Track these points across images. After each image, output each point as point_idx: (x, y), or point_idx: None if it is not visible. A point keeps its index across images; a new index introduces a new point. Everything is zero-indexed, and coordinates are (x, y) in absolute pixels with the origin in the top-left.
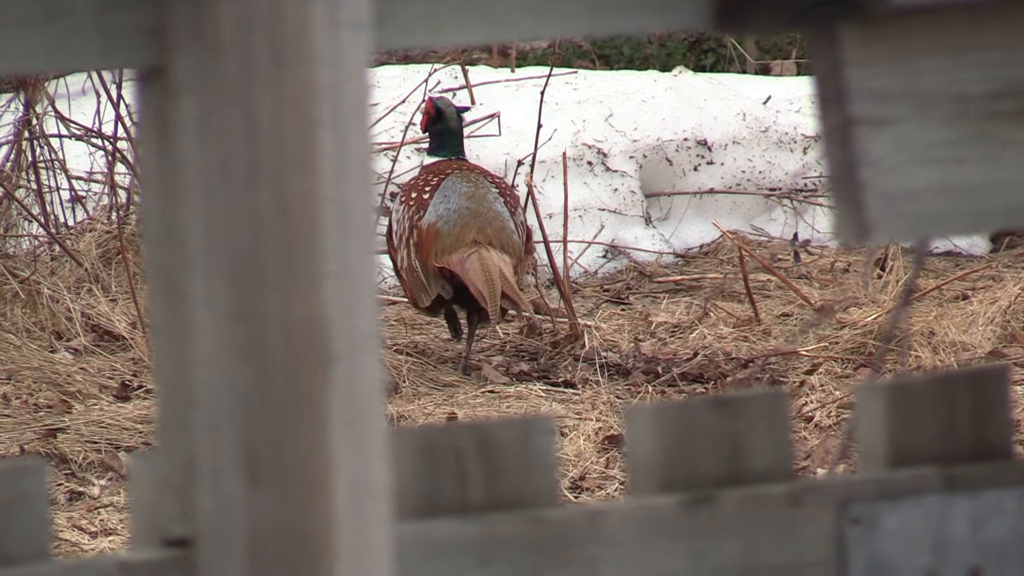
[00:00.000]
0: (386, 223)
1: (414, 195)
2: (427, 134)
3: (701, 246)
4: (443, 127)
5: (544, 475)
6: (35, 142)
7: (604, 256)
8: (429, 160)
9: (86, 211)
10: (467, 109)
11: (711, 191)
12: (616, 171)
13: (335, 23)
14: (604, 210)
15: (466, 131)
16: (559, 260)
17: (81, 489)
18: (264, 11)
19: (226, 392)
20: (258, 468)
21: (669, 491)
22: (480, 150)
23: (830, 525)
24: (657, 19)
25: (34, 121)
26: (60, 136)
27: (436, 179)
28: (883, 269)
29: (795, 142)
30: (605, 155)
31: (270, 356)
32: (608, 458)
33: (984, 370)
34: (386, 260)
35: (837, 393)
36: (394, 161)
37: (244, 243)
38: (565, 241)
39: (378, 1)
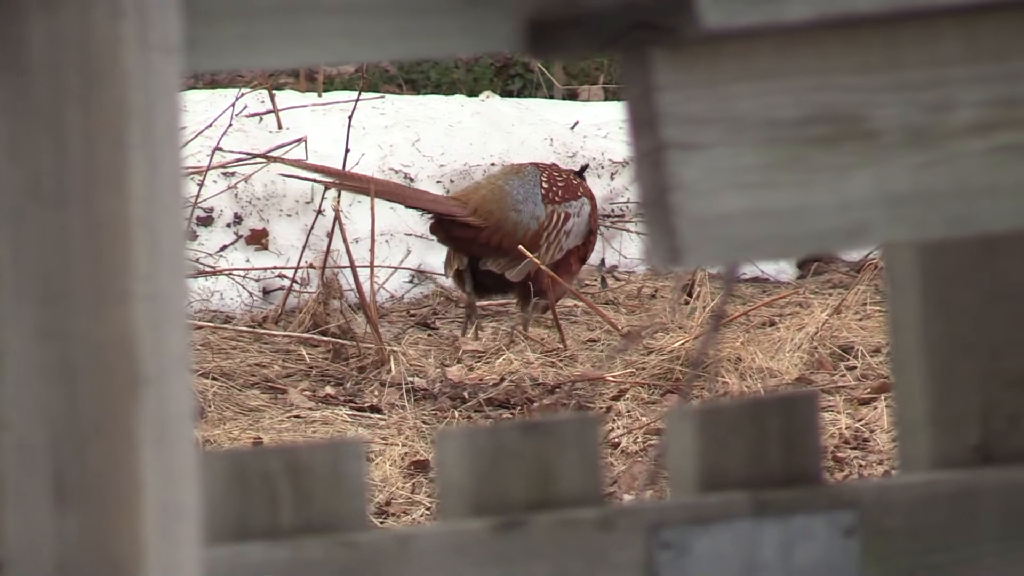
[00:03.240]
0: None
1: None
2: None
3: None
4: None
5: (354, 499)
6: None
7: (411, 281)
8: None
9: None
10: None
11: None
12: None
13: (145, 45)
14: (411, 235)
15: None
16: (366, 285)
17: None
18: (73, 32)
19: (34, 413)
20: (66, 490)
21: (480, 515)
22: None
23: (640, 550)
24: (469, 42)
25: None
26: None
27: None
28: (690, 295)
29: (603, 167)
30: (412, 180)
31: (79, 377)
32: (414, 483)
33: (794, 396)
34: (193, 283)
35: (644, 419)
36: (200, 185)
37: (53, 264)
38: (372, 266)
39: (190, 24)
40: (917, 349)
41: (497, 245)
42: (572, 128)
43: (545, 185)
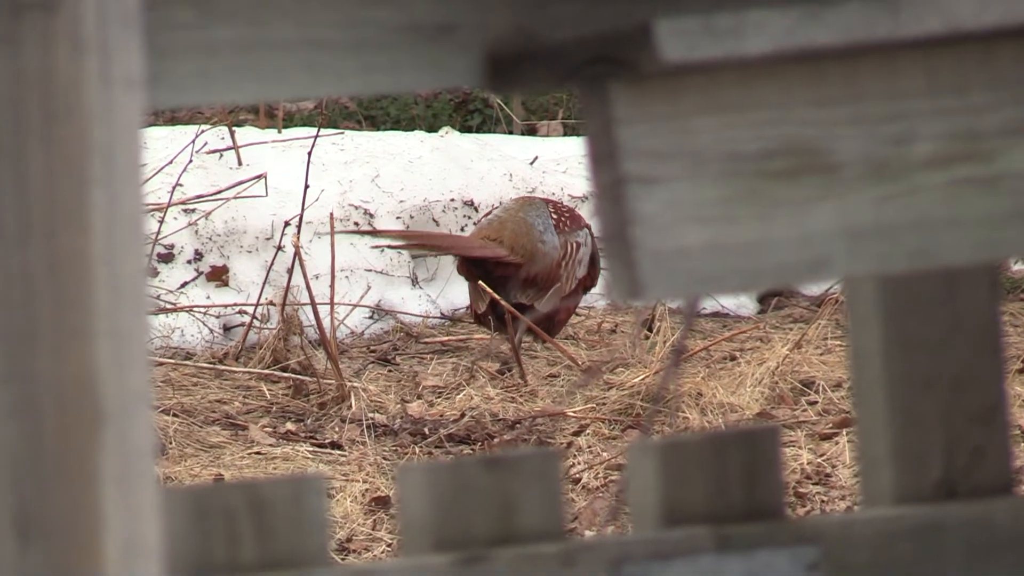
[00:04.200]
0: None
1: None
2: None
3: (468, 307)
4: None
5: (316, 535)
6: None
7: (371, 317)
8: None
9: None
10: None
11: None
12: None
13: (107, 80)
14: (371, 271)
15: (231, 192)
16: (326, 322)
17: None
18: (36, 68)
19: None
20: (29, 527)
21: (442, 550)
22: (247, 211)
23: None
24: (429, 77)
25: None
26: None
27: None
28: (650, 330)
29: (562, 202)
30: (372, 216)
31: (41, 415)
32: (375, 520)
33: (756, 430)
34: (154, 320)
35: (605, 454)
36: (161, 222)
37: (15, 301)
38: (332, 302)
39: (150, 59)
40: (879, 383)
41: (533, 278)
42: (531, 163)
43: (555, 216)
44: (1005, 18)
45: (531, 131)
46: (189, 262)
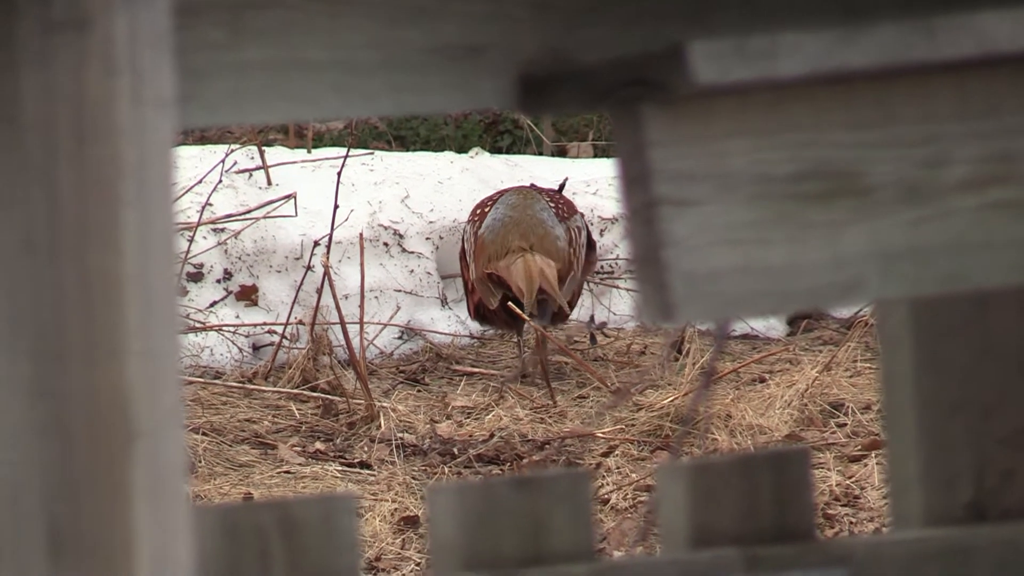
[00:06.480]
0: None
1: (478, 211)
2: None
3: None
4: None
5: (346, 554)
6: None
7: (400, 337)
8: None
9: None
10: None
11: None
12: (412, 252)
13: (139, 100)
14: (400, 291)
15: (261, 212)
16: (355, 341)
17: None
18: (67, 87)
19: (28, 468)
20: (61, 543)
21: (471, 571)
22: (276, 231)
23: None
24: (460, 98)
25: None
26: None
27: (498, 195)
28: (680, 352)
29: (592, 224)
30: (401, 236)
31: (73, 432)
32: (404, 539)
33: (786, 452)
34: (184, 339)
35: (633, 475)
36: (190, 241)
37: (47, 320)
38: (361, 322)
39: (182, 79)
40: (909, 406)
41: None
42: (561, 185)
43: (551, 204)
44: None
45: (561, 152)
46: (218, 281)
